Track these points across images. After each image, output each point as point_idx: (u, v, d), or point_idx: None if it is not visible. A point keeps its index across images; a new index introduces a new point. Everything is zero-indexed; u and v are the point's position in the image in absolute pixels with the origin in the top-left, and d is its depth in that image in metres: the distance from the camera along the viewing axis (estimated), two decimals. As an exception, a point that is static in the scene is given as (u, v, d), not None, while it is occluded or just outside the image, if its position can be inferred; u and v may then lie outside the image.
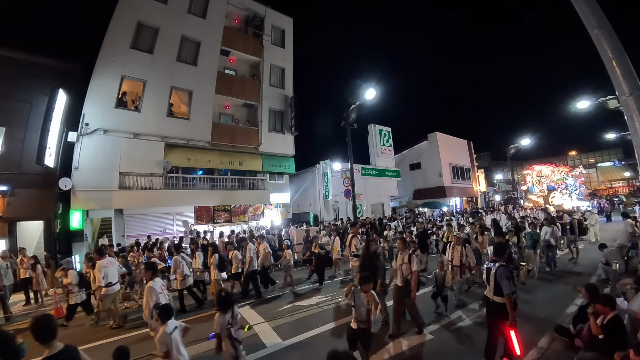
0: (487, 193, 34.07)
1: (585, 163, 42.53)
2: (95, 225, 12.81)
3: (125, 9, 11.98)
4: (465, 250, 6.00)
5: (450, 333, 4.84)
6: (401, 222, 16.17)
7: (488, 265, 3.82)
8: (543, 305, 5.73)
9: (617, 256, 6.20)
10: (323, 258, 8.46)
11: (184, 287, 6.70)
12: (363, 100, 11.06)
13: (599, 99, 9.25)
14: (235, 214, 15.42)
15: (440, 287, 5.56)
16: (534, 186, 24.74)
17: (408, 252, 4.80)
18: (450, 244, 6.42)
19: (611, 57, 3.50)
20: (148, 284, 4.25)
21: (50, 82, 10.34)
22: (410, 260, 4.69)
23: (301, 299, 7.07)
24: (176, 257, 6.82)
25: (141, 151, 11.94)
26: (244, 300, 7.07)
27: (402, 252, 4.84)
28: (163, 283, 4.48)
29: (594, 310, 3.49)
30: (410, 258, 4.72)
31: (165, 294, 4.33)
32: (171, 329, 3.06)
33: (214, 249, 7.10)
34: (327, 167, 18.59)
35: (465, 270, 5.93)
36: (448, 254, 6.26)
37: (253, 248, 7.52)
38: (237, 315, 3.33)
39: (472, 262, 5.95)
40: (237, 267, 7.39)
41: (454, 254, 6.08)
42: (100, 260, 5.95)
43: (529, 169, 26.01)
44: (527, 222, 10.63)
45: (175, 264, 6.74)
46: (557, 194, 23.08)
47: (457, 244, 6.12)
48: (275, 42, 17.20)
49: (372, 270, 4.83)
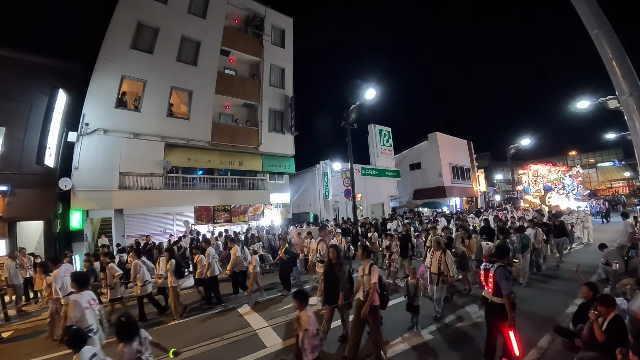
0: (487, 193, 34.08)
1: (585, 163, 42.55)
2: (95, 225, 12.81)
3: (125, 9, 11.98)
4: (445, 257, 5.34)
5: (450, 333, 4.84)
6: (401, 222, 16.08)
7: (486, 266, 3.82)
8: (543, 305, 5.73)
9: (617, 256, 6.20)
10: (287, 264, 7.78)
11: (144, 293, 6.33)
12: (363, 100, 11.09)
13: (599, 99, 9.26)
14: (235, 214, 15.42)
15: (411, 297, 5.06)
16: (530, 186, 24.16)
17: (370, 262, 4.28)
18: (430, 249, 5.80)
19: (611, 57, 3.51)
20: (72, 297, 3.64)
21: (50, 82, 10.33)
22: (371, 271, 4.14)
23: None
24: (136, 261, 6.46)
25: (141, 151, 11.94)
26: (208, 306, 6.81)
27: (364, 261, 4.32)
28: (93, 297, 3.79)
29: (597, 316, 3.43)
30: (371, 269, 4.17)
31: (94, 310, 3.69)
32: (87, 358, 2.58)
33: (170, 255, 6.57)
34: (327, 167, 18.60)
35: (445, 279, 5.30)
36: (427, 259, 5.70)
37: (212, 252, 7.10)
38: (145, 340, 2.82)
39: (450, 271, 5.29)
40: (202, 273, 7.01)
41: (432, 260, 5.49)
42: (56, 268, 5.52)
43: (525, 169, 25.28)
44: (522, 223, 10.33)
45: (135, 269, 6.37)
46: (553, 194, 22.57)
47: (437, 250, 5.48)
48: (275, 42, 17.21)
49: (333, 280, 4.42)
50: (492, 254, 4.21)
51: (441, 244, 5.52)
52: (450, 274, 5.28)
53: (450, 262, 5.34)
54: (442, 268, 5.28)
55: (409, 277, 5.22)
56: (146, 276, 6.41)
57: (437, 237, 5.80)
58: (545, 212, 14.65)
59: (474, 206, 28.27)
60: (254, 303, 6.93)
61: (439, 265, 5.31)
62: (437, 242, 5.54)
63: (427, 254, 5.91)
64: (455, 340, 4.60)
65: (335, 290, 4.36)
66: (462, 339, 4.63)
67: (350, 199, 12.85)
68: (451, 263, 5.35)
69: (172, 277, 6.26)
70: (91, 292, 3.86)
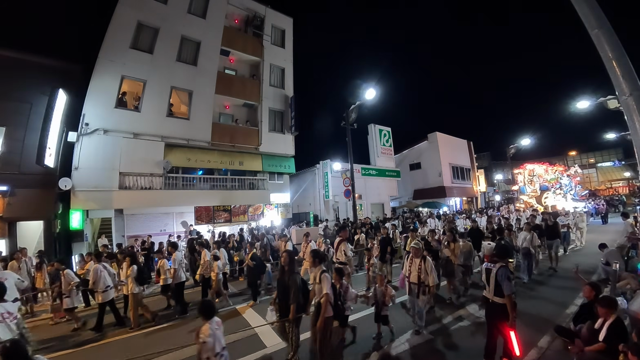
0: (487, 193, 34.08)
1: (585, 163, 42.57)
2: (95, 225, 12.80)
3: (125, 9, 11.98)
4: (425, 265, 4.72)
5: (450, 333, 4.84)
6: (401, 221, 16.05)
7: (488, 266, 3.81)
8: (543, 305, 5.73)
9: (617, 256, 6.20)
10: (255, 271, 7.27)
11: (105, 300, 5.87)
12: (363, 100, 11.08)
13: (599, 99, 9.26)
14: (235, 214, 15.42)
15: (379, 307, 4.66)
16: (526, 186, 23.66)
17: (321, 269, 3.84)
18: (409, 255, 5.09)
19: (611, 57, 3.51)
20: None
21: (50, 82, 10.33)
22: (322, 280, 3.68)
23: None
24: (95, 266, 5.99)
25: (141, 151, 11.94)
26: (183, 315, 6.38)
27: (315, 268, 3.90)
28: (7, 310, 3.47)
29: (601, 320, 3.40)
30: (322, 277, 3.70)
31: (8, 324, 3.35)
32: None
33: (132, 260, 6.14)
34: (327, 167, 18.60)
35: (425, 289, 4.70)
36: (405, 267, 5.08)
37: (179, 258, 6.70)
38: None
39: (431, 280, 4.66)
40: (166, 279, 6.60)
41: (411, 269, 4.89)
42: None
43: (521, 168, 24.63)
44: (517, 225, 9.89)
45: (95, 274, 5.89)
46: (550, 194, 22.11)
47: (416, 256, 4.86)
48: (275, 42, 17.20)
49: (284, 290, 3.95)
50: (493, 253, 4.16)
51: (420, 249, 4.91)
52: (431, 282, 4.67)
53: (431, 269, 4.72)
54: (422, 277, 4.70)
55: (376, 285, 4.86)
56: (108, 282, 5.99)
57: (416, 242, 5.24)
58: (540, 213, 14.17)
59: (474, 206, 28.27)
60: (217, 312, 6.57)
61: (419, 273, 4.73)
62: (416, 248, 4.91)
63: (405, 261, 5.22)
64: (455, 340, 4.60)
65: (288, 301, 3.88)
66: (462, 339, 4.62)
67: (350, 199, 12.84)
68: (431, 270, 4.73)
69: (132, 284, 5.83)
70: (9, 304, 3.57)
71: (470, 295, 6.47)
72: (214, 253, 7.37)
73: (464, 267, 6.61)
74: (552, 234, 8.55)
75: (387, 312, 4.72)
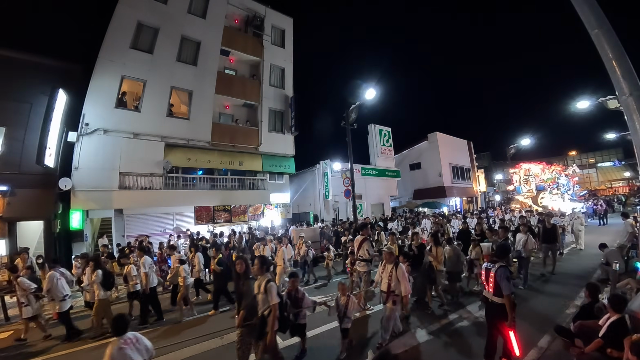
0: (487, 193, 34.04)
1: (585, 163, 42.59)
2: (95, 225, 12.81)
3: (125, 9, 11.98)
4: (396, 272, 4.34)
5: (450, 333, 4.83)
6: (401, 222, 15.96)
7: (487, 266, 3.81)
8: (543, 305, 5.73)
9: (617, 256, 6.21)
10: (220, 277, 6.79)
11: (63, 310, 5.48)
12: (363, 100, 11.06)
13: (599, 99, 9.24)
14: (235, 214, 15.42)
15: (340, 318, 4.29)
16: (522, 186, 23.15)
17: (266, 278, 3.47)
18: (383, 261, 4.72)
19: (611, 57, 3.51)
20: None
21: (50, 82, 10.33)
22: (267, 290, 3.33)
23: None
24: (51, 272, 5.57)
25: (141, 151, 11.94)
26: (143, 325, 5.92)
27: (260, 276, 3.55)
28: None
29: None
30: (267, 286, 3.36)
31: None
32: None
33: (95, 264, 5.75)
34: (327, 167, 18.59)
35: (395, 299, 4.31)
36: (377, 274, 4.75)
37: (148, 262, 6.30)
38: None
39: (403, 289, 4.28)
40: (134, 285, 6.19)
41: (382, 275, 4.54)
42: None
43: (516, 167, 24.12)
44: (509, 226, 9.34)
45: (50, 282, 5.43)
46: (546, 194, 21.61)
47: (388, 262, 4.50)
48: (275, 42, 17.21)
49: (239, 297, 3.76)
50: (493, 253, 4.15)
51: (393, 254, 4.59)
52: (402, 292, 4.27)
53: (403, 277, 4.31)
54: (392, 285, 4.34)
55: (338, 295, 4.43)
56: (66, 290, 5.59)
57: (388, 246, 4.83)
58: (535, 215, 13.82)
59: (475, 206, 28.26)
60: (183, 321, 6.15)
61: (389, 281, 4.37)
62: (389, 253, 4.56)
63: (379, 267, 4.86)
64: (454, 340, 4.60)
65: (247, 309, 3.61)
66: (462, 339, 4.62)
67: (350, 199, 12.83)
68: (403, 278, 4.31)
69: (98, 290, 5.50)
70: None
71: (457, 303, 6.04)
72: (179, 257, 6.90)
73: (451, 273, 6.18)
74: (550, 238, 7.98)
75: (348, 324, 4.30)
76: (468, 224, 9.54)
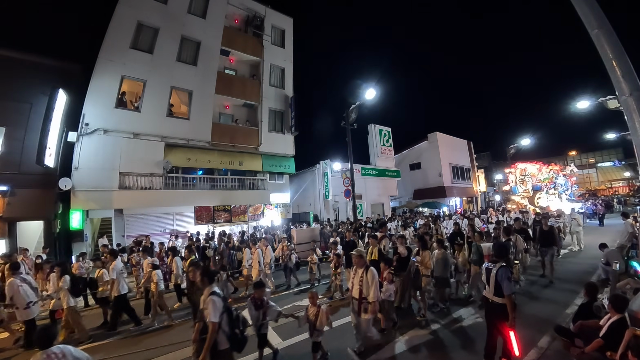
0: (487, 193, 34.04)
1: (585, 163, 42.63)
2: (95, 225, 12.81)
3: (125, 9, 11.98)
4: (366, 277, 3.95)
5: (450, 333, 4.83)
6: (400, 222, 15.93)
7: (488, 266, 3.81)
8: (543, 305, 5.73)
9: (617, 256, 6.20)
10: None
11: (28, 317, 5.10)
12: (363, 100, 11.06)
13: (599, 99, 9.23)
14: (235, 214, 15.43)
15: (310, 330, 3.86)
16: (518, 186, 22.65)
17: (210, 290, 2.98)
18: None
19: (611, 57, 3.50)
20: None
21: (50, 82, 10.34)
22: (207, 304, 2.88)
23: (301, 298, 7.05)
24: (11, 280, 5.14)
25: (141, 151, 11.94)
26: (112, 332, 5.64)
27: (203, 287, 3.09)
28: None
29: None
30: (207, 301, 2.90)
31: None
32: None
33: (62, 270, 5.37)
34: (327, 167, 18.59)
35: (367, 306, 3.94)
36: (349, 279, 4.42)
37: (119, 267, 5.92)
38: None
39: (371, 295, 3.88)
40: (105, 291, 5.91)
41: (353, 281, 4.17)
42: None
43: (512, 167, 23.69)
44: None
45: (10, 289, 5.02)
46: (543, 194, 21.11)
47: (359, 266, 4.10)
48: (275, 42, 17.21)
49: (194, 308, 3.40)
50: (492, 253, 4.12)
51: (363, 258, 4.18)
52: (371, 297, 3.88)
53: (372, 282, 3.90)
54: (363, 291, 3.96)
55: (308, 305, 3.99)
56: (30, 297, 5.19)
57: (358, 249, 4.43)
58: (531, 216, 13.51)
59: (475, 206, 28.25)
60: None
61: (360, 286, 4.00)
62: (359, 256, 4.14)
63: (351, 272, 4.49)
64: (454, 340, 4.59)
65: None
66: (462, 339, 4.62)
67: (350, 199, 12.83)
68: (373, 284, 3.90)
69: (66, 297, 5.19)
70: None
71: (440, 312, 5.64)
72: (152, 261, 6.54)
73: (439, 279, 5.74)
74: (548, 241, 7.58)
75: (319, 338, 3.84)
76: (459, 225, 9.16)
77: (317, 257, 8.49)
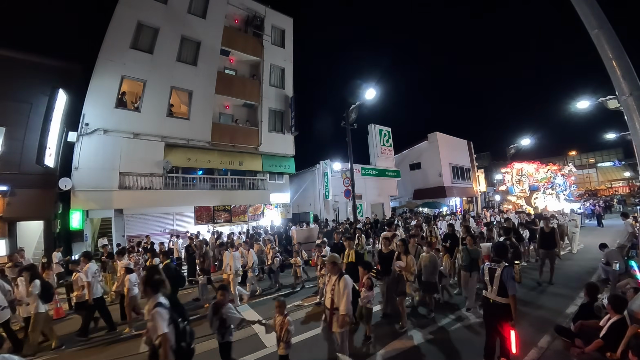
0: (487, 193, 34.02)
1: (585, 163, 42.64)
2: (95, 225, 12.81)
3: (125, 9, 11.99)
4: (339, 285, 3.57)
5: (450, 333, 4.83)
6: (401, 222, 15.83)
7: (491, 266, 3.77)
8: (543, 305, 5.73)
9: (617, 256, 6.21)
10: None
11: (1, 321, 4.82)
12: (363, 100, 11.07)
13: (599, 99, 9.24)
14: (235, 214, 15.42)
15: (277, 340, 3.51)
16: (514, 186, 22.41)
17: (155, 301, 2.56)
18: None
19: (611, 57, 3.50)
20: None
21: (50, 82, 10.35)
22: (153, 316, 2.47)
23: (302, 298, 7.05)
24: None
25: (141, 151, 11.94)
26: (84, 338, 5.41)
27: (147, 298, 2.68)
28: None
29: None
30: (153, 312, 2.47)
31: None
32: None
33: (32, 275, 5.04)
34: (327, 167, 18.59)
35: (339, 317, 3.51)
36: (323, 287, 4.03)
37: (93, 269, 5.63)
38: None
39: (342, 307, 3.48)
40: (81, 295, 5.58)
41: (326, 289, 3.83)
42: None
43: (508, 167, 23.44)
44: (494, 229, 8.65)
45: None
46: (540, 194, 20.87)
47: (333, 273, 3.73)
48: (275, 42, 17.22)
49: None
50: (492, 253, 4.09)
51: (337, 265, 3.78)
52: (342, 307, 3.48)
53: (344, 292, 3.51)
54: (336, 301, 3.60)
55: (276, 315, 3.60)
56: (1, 301, 4.95)
57: (331, 255, 4.05)
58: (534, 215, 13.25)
59: (475, 206, 28.25)
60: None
61: (332, 296, 3.63)
62: (332, 262, 3.76)
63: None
64: (454, 340, 4.59)
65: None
66: (461, 339, 4.61)
67: (350, 199, 12.83)
68: (345, 295, 3.50)
69: (35, 302, 4.91)
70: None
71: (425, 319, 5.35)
72: (126, 264, 6.16)
73: (427, 284, 5.41)
74: (549, 243, 7.24)
75: (285, 350, 3.44)
76: (453, 225, 8.89)
77: (301, 260, 8.05)
